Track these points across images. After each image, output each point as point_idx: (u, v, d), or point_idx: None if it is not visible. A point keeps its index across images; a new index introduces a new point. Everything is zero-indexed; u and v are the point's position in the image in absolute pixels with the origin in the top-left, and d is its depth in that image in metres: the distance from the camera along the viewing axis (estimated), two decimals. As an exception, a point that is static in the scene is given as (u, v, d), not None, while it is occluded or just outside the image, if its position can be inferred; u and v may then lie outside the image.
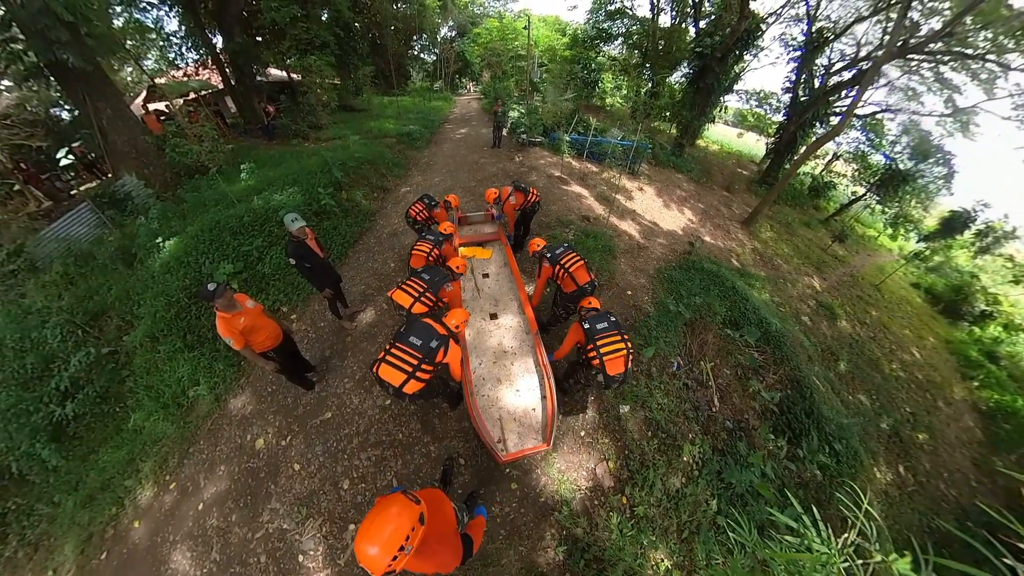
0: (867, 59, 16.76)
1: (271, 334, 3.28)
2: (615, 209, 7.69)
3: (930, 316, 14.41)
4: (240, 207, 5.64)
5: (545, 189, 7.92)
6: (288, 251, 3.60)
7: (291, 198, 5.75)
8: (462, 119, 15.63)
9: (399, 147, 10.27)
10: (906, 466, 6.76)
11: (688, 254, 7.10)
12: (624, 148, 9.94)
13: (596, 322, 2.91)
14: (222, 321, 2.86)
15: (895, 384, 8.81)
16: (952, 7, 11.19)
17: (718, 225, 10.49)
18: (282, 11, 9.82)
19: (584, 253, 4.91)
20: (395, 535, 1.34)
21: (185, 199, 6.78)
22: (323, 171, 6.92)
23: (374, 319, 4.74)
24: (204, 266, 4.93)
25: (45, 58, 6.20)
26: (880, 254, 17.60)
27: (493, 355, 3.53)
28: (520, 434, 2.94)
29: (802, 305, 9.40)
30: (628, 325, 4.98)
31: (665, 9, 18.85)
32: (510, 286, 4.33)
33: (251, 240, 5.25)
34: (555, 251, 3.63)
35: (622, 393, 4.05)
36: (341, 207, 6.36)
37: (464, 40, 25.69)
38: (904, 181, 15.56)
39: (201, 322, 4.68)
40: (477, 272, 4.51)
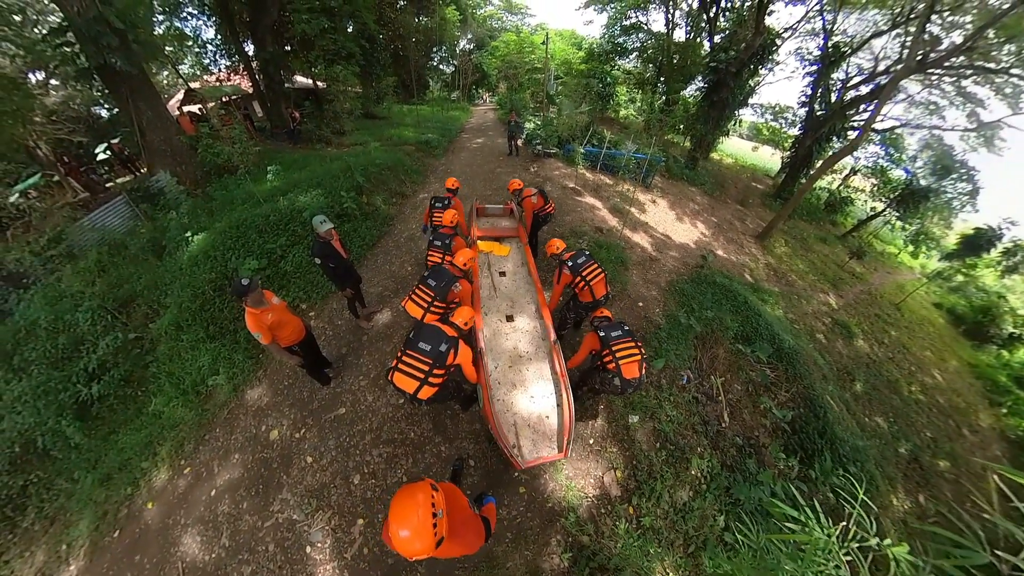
0: (885, 73, 16.54)
1: (296, 329, 3.36)
2: (628, 221, 7.68)
3: (953, 338, 13.86)
4: (266, 207, 5.84)
5: (559, 200, 7.96)
6: (314, 251, 3.65)
7: (315, 200, 5.92)
8: (479, 129, 15.90)
9: (418, 154, 10.48)
10: (927, 495, 6.46)
11: (700, 268, 7.03)
12: (638, 161, 9.96)
13: (611, 331, 2.93)
14: (251, 317, 2.93)
15: (915, 408, 8.47)
16: (974, 21, 11.01)
17: (731, 239, 10.37)
18: (312, 23, 10.24)
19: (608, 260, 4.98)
20: (424, 508, 1.38)
21: (214, 196, 7.06)
22: (346, 175, 7.09)
23: (390, 320, 4.81)
24: (230, 261, 5.11)
25: (96, 61, 6.60)
26: (900, 272, 17.07)
27: (508, 359, 3.42)
28: (535, 441, 2.87)
29: (817, 323, 9.17)
30: (639, 337, 4.94)
31: (680, 25, 19.04)
32: (527, 287, 4.18)
33: (275, 238, 5.41)
34: (576, 260, 3.57)
35: (631, 403, 4.01)
36: (362, 211, 6.49)
37: (482, 52, 26.28)
38: (925, 197, 15.15)
39: (224, 314, 4.84)
40: (494, 269, 4.37)
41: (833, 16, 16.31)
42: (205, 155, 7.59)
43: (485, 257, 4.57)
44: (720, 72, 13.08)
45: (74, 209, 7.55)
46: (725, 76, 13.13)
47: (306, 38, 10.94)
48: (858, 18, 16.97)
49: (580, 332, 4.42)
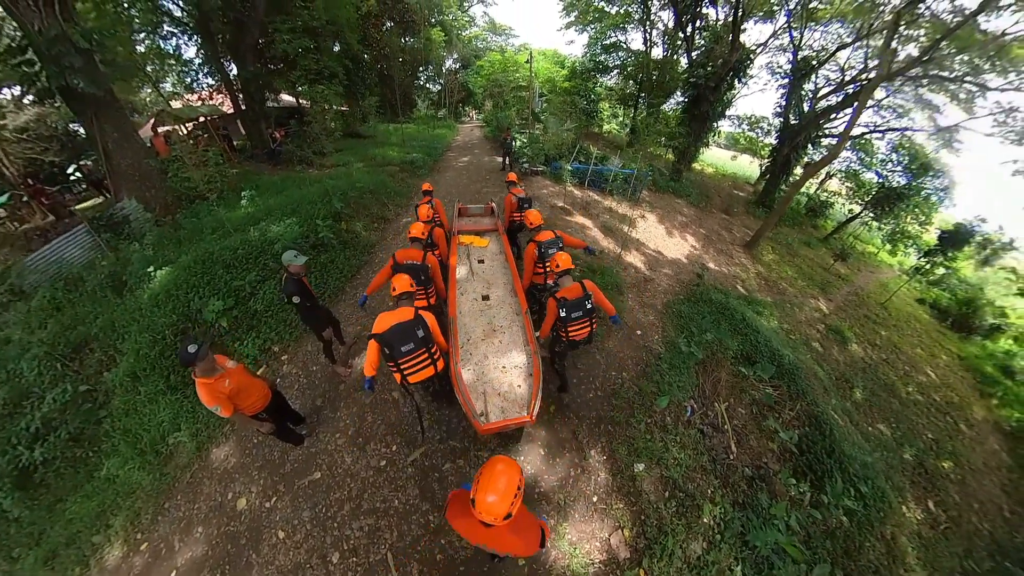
0: (852, 83, 17.00)
1: (260, 394, 2.91)
2: (619, 239, 7.40)
3: (939, 332, 13.86)
4: (235, 238, 5.35)
5: (549, 221, 7.56)
6: (286, 288, 3.33)
7: (288, 230, 5.45)
8: (465, 147, 15.61)
9: (402, 175, 10.09)
10: (935, 500, 6.21)
11: (696, 286, 6.75)
12: (625, 176, 9.76)
13: (572, 311, 3.00)
14: (205, 388, 2.48)
15: (914, 409, 8.29)
16: (928, 34, 11.38)
17: (721, 251, 10.19)
18: (294, 43, 9.89)
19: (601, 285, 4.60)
20: (512, 478, 1.49)
21: (183, 225, 6.51)
22: (323, 201, 6.63)
23: None
24: (193, 301, 4.58)
25: (56, 82, 6.11)
26: (881, 270, 17.20)
27: (483, 332, 3.56)
28: (504, 408, 2.91)
29: (811, 330, 8.98)
30: (639, 370, 4.58)
31: (657, 43, 19.36)
32: (504, 271, 4.43)
33: (244, 274, 4.92)
34: (548, 249, 3.70)
35: (636, 450, 3.62)
36: (340, 239, 6.04)
37: (468, 72, 26.29)
38: (900, 198, 15.37)
39: None
40: (473, 258, 4.62)
41: (800, 32, 16.73)
42: (174, 180, 7.07)
43: (465, 248, 4.84)
44: (700, 87, 13.12)
45: (28, 239, 6.93)
46: (705, 91, 13.18)
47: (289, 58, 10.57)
48: (823, 32, 17.49)
49: None
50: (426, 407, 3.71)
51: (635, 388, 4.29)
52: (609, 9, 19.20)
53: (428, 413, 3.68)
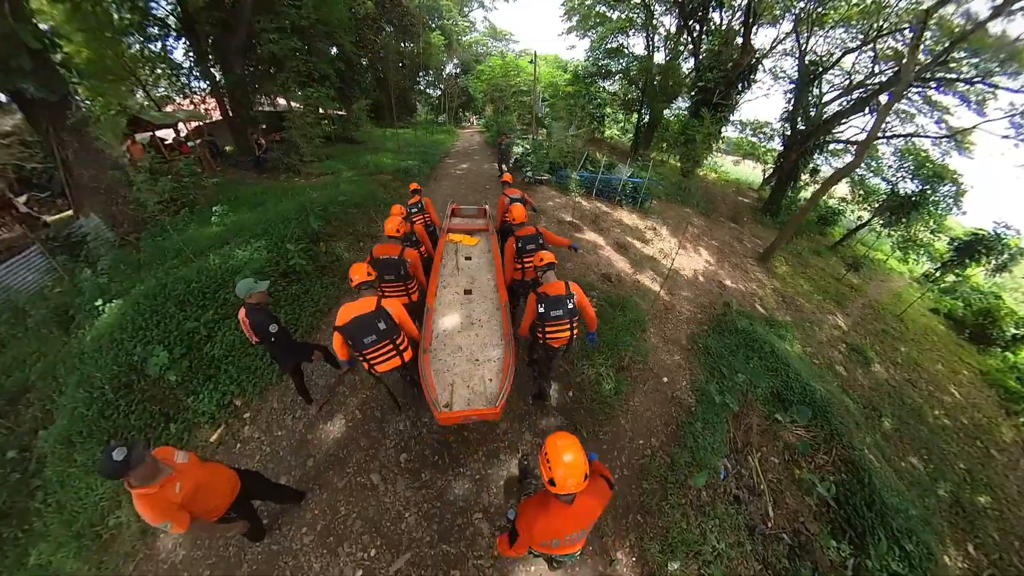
0: (859, 87, 16.42)
1: (225, 487, 2.18)
2: (632, 257, 6.66)
3: (956, 344, 13.18)
4: (191, 268, 4.54)
5: None
6: (258, 323, 2.86)
7: (255, 255, 4.68)
8: (464, 153, 14.85)
9: (395, 184, 9.30)
10: (975, 543, 5.56)
11: (723, 315, 5.99)
12: (635, 185, 9.05)
13: (551, 308, 2.82)
14: (146, 501, 1.78)
15: (943, 436, 7.65)
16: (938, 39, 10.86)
17: (736, 265, 9.48)
18: (280, 43, 9.15)
19: (612, 335, 3.88)
20: (573, 442, 1.56)
21: (143, 247, 5.70)
22: (300, 218, 5.83)
23: (344, 432, 3.46)
24: (136, 349, 3.79)
25: (4, 87, 5.36)
26: (892, 278, 16.52)
27: (460, 325, 3.49)
28: (469, 400, 2.78)
29: (834, 352, 8.32)
30: (670, 433, 3.86)
31: (659, 48, 18.78)
32: (488, 268, 4.39)
33: (200, 312, 4.14)
34: (527, 245, 3.62)
35: (670, 544, 2.88)
36: (317, 263, 5.23)
37: (468, 76, 25.62)
38: (914, 207, 14.67)
39: (130, 422, 3.54)
40: (460, 255, 4.60)
41: (807, 36, 16.12)
42: (139, 194, 6.28)
43: (454, 246, 4.75)
44: (708, 92, 12.48)
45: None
46: (712, 95, 12.54)
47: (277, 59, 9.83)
48: (827, 37, 16.90)
49: None
50: (400, 393, 3.54)
51: (667, 459, 3.58)
52: (611, 14, 18.85)
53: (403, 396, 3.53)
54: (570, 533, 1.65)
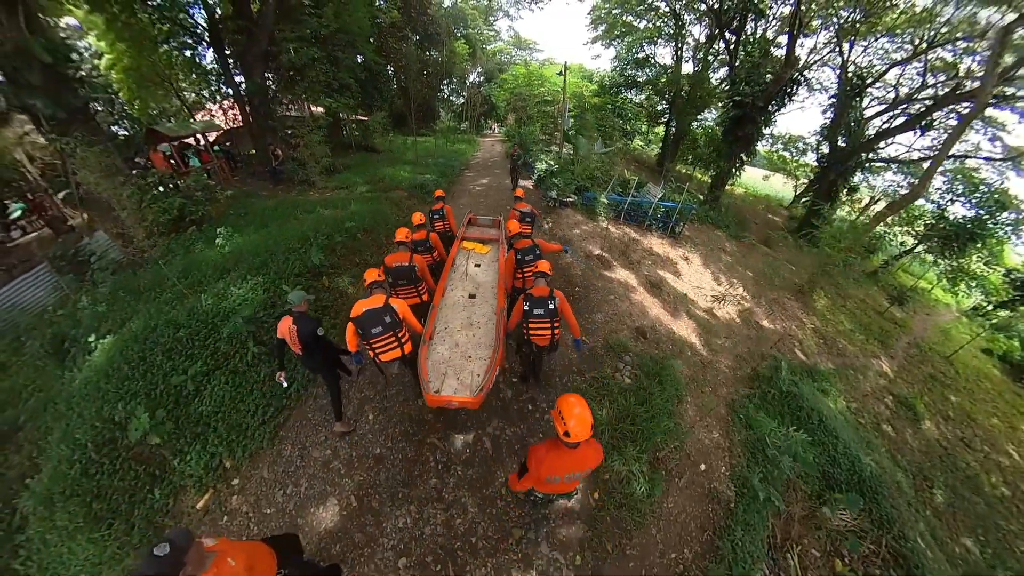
0: (906, 101, 14.99)
1: (268, 560, 1.93)
2: (666, 297, 5.92)
3: (1014, 393, 11.72)
4: (182, 309, 4.10)
5: (585, 280, 6.16)
6: (305, 329, 2.96)
7: (251, 294, 4.23)
8: (484, 165, 14.18)
9: (409, 203, 8.72)
10: None
11: (770, 378, 5.16)
12: (666, 209, 8.25)
13: (534, 307, 3.04)
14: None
15: (1001, 509, 6.57)
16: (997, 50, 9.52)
17: (773, 300, 8.56)
18: (300, 52, 8.80)
19: (648, 419, 3.24)
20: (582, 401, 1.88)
21: (144, 271, 5.35)
22: (302, 248, 5.31)
23: (337, 522, 2.92)
24: (116, 407, 3.36)
25: (12, 103, 5.14)
26: (939, 312, 14.96)
27: (460, 325, 3.74)
28: (456, 389, 3.04)
29: (879, 406, 7.34)
30: (706, 542, 3.19)
31: (687, 58, 17.76)
32: (494, 276, 4.57)
33: (187, 363, 3.69)
34: (525, 256, 3.81)
35: None
36: (318, 301, 4.68)
37: (491, 85, 25.20)
38: (972, 238, 13.15)
39: (113, 484, 3.14)
40: (471, 261, 4.82)
41: (849, 47, 14.82)
42: (147, 211, 5.99)
43: (466, 253, 5.06)
44: (746, 107, 11.45)
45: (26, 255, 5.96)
46: (752, 110, 11.49)
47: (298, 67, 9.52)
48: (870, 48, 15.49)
49: None
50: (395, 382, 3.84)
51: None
52: (637, 24, 18.06)
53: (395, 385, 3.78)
54: (570, 472, 1.97)
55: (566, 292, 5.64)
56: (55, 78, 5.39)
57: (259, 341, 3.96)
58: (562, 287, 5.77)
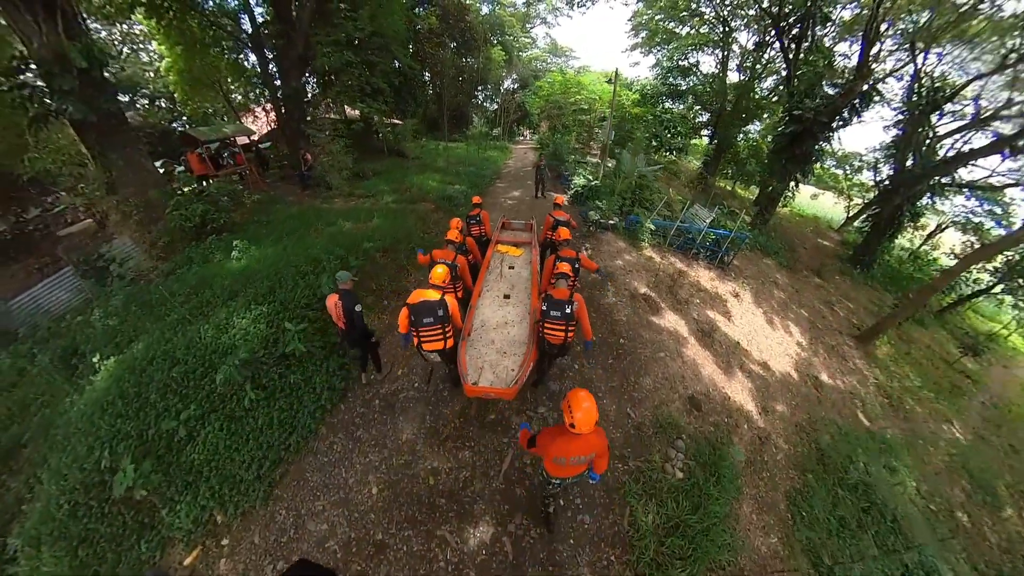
0: (989, 119, 13.00)
1: None
2: (718, 349, 5.09)
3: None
4: (182, 339, 3.72)
5: (631, 328, 5.25)
6: (348, 303, 3.36)
7: (253, 328, 3.79)
8: (516, 175, 13.40)
9: (435, 216, 8.12)
10: None
11: (835, 463, 4.24)
12: (717, 238, 7.33)
13: (551, 309, 3.10)
14: None
15: None
16: None
17: (831, 348, 7.46)
18: (334, 57, 8.51)
19: (703, 532, 2.51)
20: (591, 398, 2.05)
21: (158, 284, 5.08)
22: (315, 271, 4.81)
23: None
24: (104, 455, 3.02)
25: (43, 108, 5.03)
26: (1018, 363, 12.98)
27: (495, 323, 3.90)
28: (492, 382, 3.19)
29: (954, 491, 6.16)
30: None
31: (732, 67, 16.44)
32: (527, 277, 4.72)
33: (181, 406, 3.30)
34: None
35: None
36: (325, 338, 4.13)
37: (525, 91, 24.70)
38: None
39: (101, 529, 2.85)
40: (505, 264, 4.96)
41: (922, 55, 13.02)
42: (173, 217, 5.79)
43: (500, 255, 5.17)
44: (806, 122, 10.19)
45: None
46: (813, 126, 10.22)
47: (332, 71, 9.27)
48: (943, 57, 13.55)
49: None
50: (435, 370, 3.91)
51: None
52: (679, 31, 16.89)
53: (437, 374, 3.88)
54: (575, 455, 2.16)
55: (611, 343, 4.98)
56: (89, 83, 5.25)
57: (258, 385, 3.54)
58: (606, 336, 5.08)
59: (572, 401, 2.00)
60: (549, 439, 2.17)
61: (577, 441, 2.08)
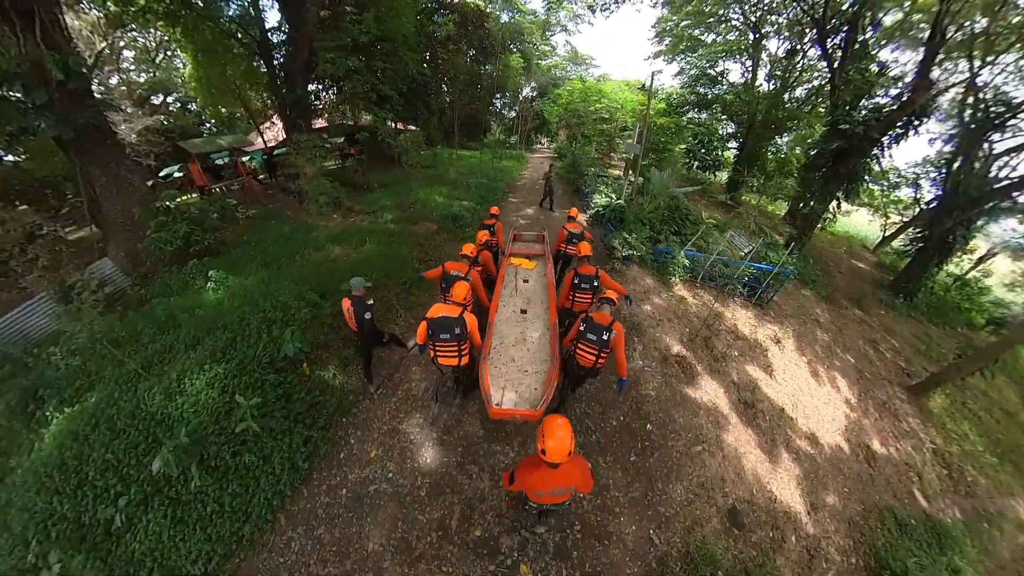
0: None
1: None
2: (761, 423, 4.22)
3: None
4: (129, 402, 3.11)
5: (661, 406, 4.24)
6: (360, 309, 3.37)
7: (205, 396, 3.14)
8: (532, 188, 12.38)
9: (437, 240, 7.24)
10: None
11: None
12: (757, 273, 6.39)
13: (588, 332, 3.00)
14: None
15: None
16: None
17: (882, 404, 6.43)
18: (338, 63, 7.91)
19: None
20: (566, 427, 1.95)
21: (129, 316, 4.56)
22: (285, 317, 4.04)
23: None
24: (33, 542, 2.52)
25: (14, 125, 4.58)
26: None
27: (514, 340, 3.74)
28: (516, 403, 3.08)
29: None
30: None
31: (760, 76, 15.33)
32: (543, 291, 4.58)
33: (123, 487, 2.74)
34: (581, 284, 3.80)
35: None
36: (288, 407, 3.39)
37: (544, 100, 24.08)
38: None
39: None
40: (519, 277, 4.81)
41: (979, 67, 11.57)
42: (154, 240, 5.30)
43: (514, 268, 5.01)
44: (854, 137, 9.02)
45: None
46: (861, 141, 9.05)
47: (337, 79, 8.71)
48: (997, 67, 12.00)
49: None
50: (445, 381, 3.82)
51: None
52: (705, 38, 15.96)
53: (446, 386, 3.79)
54: (554, 487, 2.08)
55: (635, 429, 4.04)
56: (66, 95, 4.78)
57: (207, 466, 2.93)
58: (630, 419, 4.09)
59: (546, 427, 1.93)
60: (527, 472, 2.08)
61: (554, 474, 1.99)
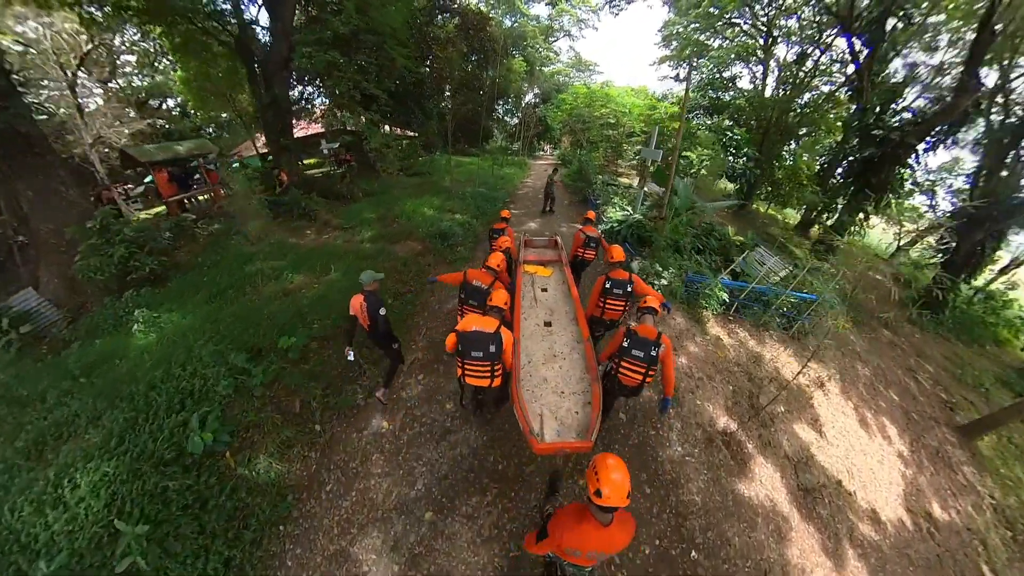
0: None
1: None
2: (821, 506, 3.27)
3: None
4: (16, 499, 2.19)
5: (706, 515, 3.11)
6: (373, 305, 3.16)
7: (84, 506, 2.18)
8: (534, 198, 11.26)
9: (423, 262, 6.15)
10: None
11: None
12: (798, 302, 5.47)
13: (634, 347, 2.70)
14: None
15: None
16: None
17: (935, 453, 5.46)
18: (315, 58, 6.99)
19: None
20: (623, 465, 1.60)
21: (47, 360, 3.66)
22: (204, 389, 3.07)
23: None
24: None
25: None
26: None
27: (543, 357, 3.35)
28: (559, 431, 2.66)
29: None
30: None
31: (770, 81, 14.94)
32: (566, 300, 4.23)
33: None
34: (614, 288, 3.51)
35: None
36: (198, 527, 2.37)
37: (547, 106, 23.32)
38: None
39: None
40: (536, 287, 4.44)
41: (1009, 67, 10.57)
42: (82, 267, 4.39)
43: (530, 277, 4.66)
44: (887, 143, 8.08)
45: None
46: (896, 148, 8.11)
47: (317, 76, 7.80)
48: None
49: None
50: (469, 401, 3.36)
51: None
52: (711, 42, 15.60)
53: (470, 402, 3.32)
54: (592, 550, 1.70)
55: (675, 557, 2.92)
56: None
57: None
58: (668, 543, 2.95)
59: (599, 466, 1.57)
60: (567, 525, 1.65)
61: (601, 533, 1.58)
